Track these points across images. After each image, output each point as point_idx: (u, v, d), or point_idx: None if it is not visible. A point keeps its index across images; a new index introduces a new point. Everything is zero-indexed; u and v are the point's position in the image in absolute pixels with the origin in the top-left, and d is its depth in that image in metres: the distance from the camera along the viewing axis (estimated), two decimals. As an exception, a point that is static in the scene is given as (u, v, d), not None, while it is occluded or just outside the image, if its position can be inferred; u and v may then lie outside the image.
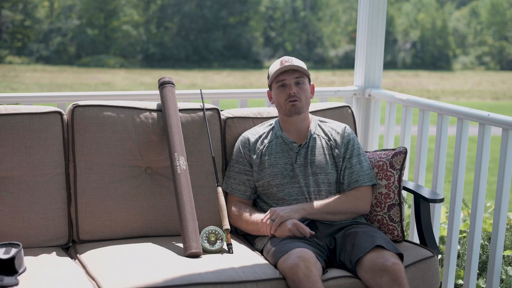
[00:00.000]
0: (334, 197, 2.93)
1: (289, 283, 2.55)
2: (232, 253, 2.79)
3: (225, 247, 2.84)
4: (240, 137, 3.11)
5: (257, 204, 3.06)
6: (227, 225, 2.86)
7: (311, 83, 3.07)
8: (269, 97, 3.09)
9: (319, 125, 3.08)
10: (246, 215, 2.95)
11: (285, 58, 3.01)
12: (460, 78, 25.83)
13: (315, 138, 3.03)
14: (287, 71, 2.97)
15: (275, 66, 3.01)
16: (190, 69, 26.02)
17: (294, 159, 2.98)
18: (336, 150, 3.01)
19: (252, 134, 3.10)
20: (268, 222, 2.82)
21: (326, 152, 3.00)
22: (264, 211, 2.99)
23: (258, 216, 2.91)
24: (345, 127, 3.08)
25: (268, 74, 3.04)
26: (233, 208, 3.01)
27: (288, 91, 2.96)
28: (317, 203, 2.89)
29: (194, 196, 2.99)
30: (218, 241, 2.81)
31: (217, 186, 2.95)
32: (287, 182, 2.96)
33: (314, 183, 2.96)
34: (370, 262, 2.60)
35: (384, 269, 2.56)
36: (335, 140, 3.03)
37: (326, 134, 3.05)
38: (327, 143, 3.02)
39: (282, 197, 2.96)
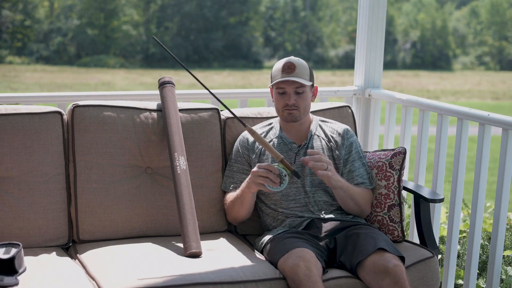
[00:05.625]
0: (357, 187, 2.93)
1: (289, 283, 2.55)
2: (300, 177, 2.70)
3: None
4: (240, 137, 3.11)
5: (256, 205, 3.06)
6: (279, 157, 2.74)
7: (314, 86, 3.00)
8: (271, 95, 3.03)
9: (320, 126, 3.06)
10: (230, 196, 2.98)
11: (289, 63, 2.90)
12: (460, 78, 25.84)
13: (315, 138, 3.01)
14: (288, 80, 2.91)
15: (277, 69, 2.92)
16: (190, 69, 25.96)
17: (293, 159, 2.98)
18: (337, 152, 2.99)
19: (251, 133, 3.08)
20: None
21: (326, 153, 2.98)
22: (263, 212, 2.99)
23: (237, 191, 2.92)
24: (347, 129, 3.05)
25: (271, 74, 2.98)
26: (225, 201, 3.03)
27: (287, 100, 2.91)
28: (344, 181, 2.86)
29: (194, 196, 2.99)
30: (286, 177, 2.72)
31: (245, 126, 2.80)
32: (286, 182, 2.95)
33: (311, 183, 2.95)
34: (372, 264, 2.60)
35: (386, 271, 2.55)
36: (335, 141, 3.01)
37: (326, 135, 3.03)
38: (327, 144, 3.00)
39: (280, 197, 2.95)
